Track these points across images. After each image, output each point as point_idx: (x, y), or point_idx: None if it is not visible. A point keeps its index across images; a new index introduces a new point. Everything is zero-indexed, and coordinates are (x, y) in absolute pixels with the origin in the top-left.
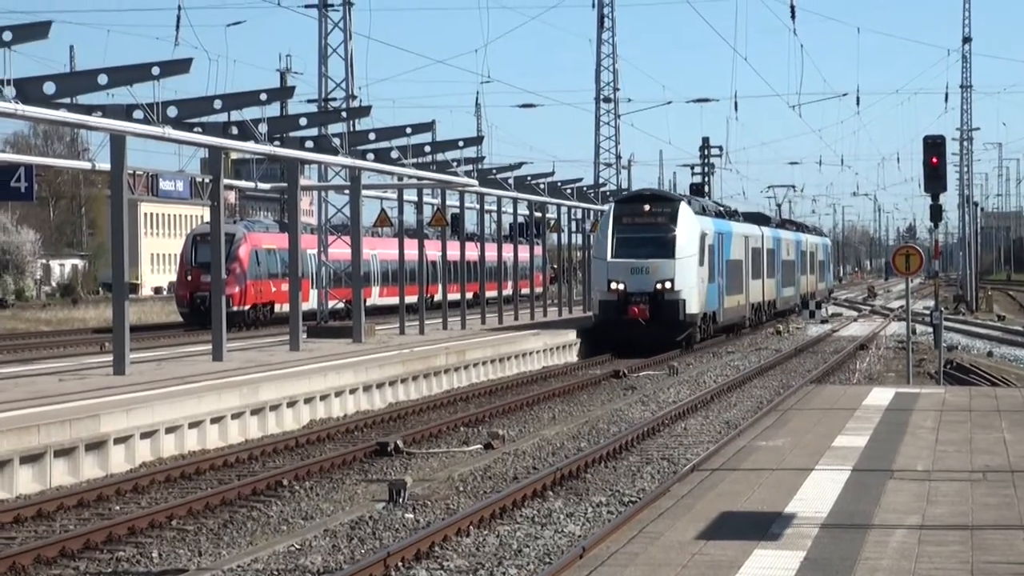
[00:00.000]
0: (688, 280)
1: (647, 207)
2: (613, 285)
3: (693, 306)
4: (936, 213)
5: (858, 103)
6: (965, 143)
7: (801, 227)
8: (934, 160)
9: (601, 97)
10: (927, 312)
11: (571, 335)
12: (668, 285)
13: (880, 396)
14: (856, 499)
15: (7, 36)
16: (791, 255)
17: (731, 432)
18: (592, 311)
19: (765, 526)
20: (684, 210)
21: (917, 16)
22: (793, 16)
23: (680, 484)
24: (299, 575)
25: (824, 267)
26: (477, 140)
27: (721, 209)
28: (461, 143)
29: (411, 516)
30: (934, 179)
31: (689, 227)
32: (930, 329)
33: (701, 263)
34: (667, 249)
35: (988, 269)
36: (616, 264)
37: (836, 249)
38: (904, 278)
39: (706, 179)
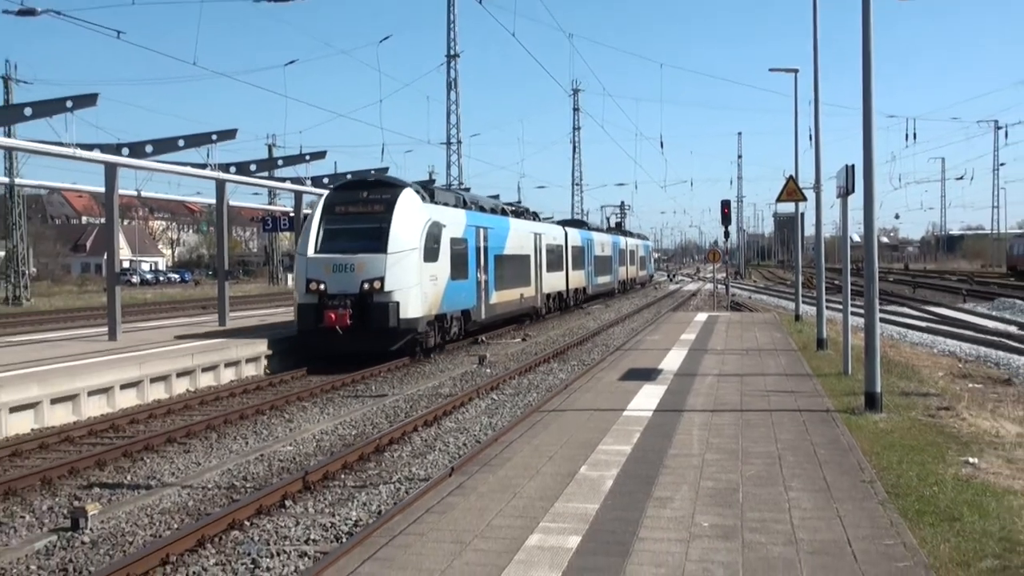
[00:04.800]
0: (405, 279)
1: (364, 194)
2: (312, 286)
3: (413, 309)
4: (727, 235)
5: (691, 185)
6: (740, 202)
7: (626, 232)
8: (726, 210)
9: (574, 182)
10: (723, 279)
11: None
12: (377, 285)
13: (701, 317)
14: (690, 363)
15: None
16: (606, 251)
17: (634, 334)
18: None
19: (648, 375)
20: (407, 197)
21: (723, 144)
22: (662, 146)
23: (611, 355)
24: (438, 397)
25: (646, 261)
26: (518, 203)
27: (504, 207)
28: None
29: (489, 370)
30: (725, 219)
31: (411, 217)
32: (723, 287)
33: (433, 259)
34: (379, 243)
35: (749, 259)
36: (317, 260)
37: (681, 252)
38: (713, 264)
39: (622, 222)
